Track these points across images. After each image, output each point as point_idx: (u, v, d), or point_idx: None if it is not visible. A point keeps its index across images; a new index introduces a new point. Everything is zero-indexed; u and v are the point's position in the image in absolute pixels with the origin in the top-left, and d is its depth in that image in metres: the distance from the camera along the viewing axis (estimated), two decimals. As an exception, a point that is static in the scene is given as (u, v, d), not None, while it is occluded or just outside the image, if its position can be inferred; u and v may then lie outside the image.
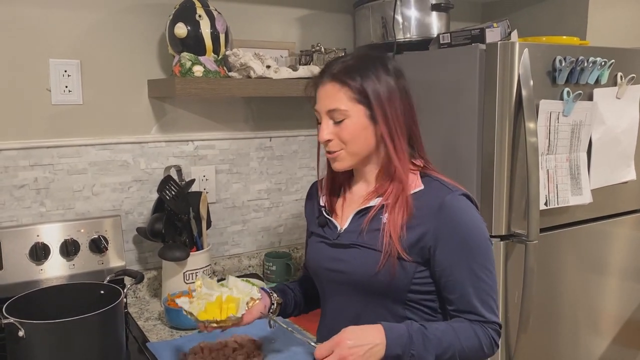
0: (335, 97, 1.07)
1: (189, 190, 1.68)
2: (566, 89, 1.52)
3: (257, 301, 1.16)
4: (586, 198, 1.61)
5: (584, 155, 1.61)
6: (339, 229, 1.15)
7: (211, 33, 1.60)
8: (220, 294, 1.15)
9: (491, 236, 1.48)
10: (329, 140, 1.09)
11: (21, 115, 1.56)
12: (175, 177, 1.65)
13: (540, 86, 1.49)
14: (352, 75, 1.06)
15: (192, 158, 1.82)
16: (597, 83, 1.60)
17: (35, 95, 1.57)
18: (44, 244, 1.50)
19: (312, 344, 1.07)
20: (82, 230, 1.56)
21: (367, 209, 1.11)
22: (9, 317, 1.11)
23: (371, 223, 1.09)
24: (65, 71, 1.59)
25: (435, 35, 1.75)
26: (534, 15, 2.14)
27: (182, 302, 1.15)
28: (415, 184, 1.10)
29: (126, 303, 1.43)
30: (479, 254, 1.05)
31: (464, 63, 1.51)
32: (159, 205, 1.67)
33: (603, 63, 1.56)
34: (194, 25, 1.58)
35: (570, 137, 1.56)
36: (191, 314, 1.12)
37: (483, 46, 1.48)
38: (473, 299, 1.05)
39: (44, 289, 1.31)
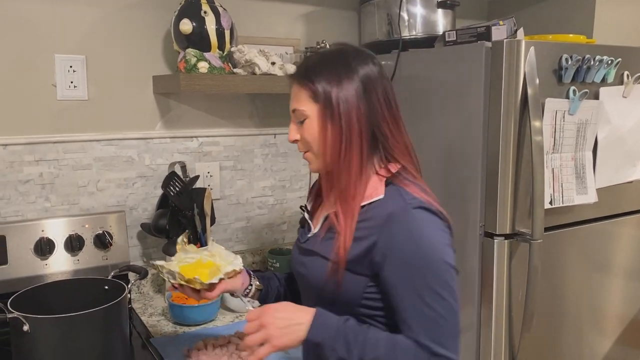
0: (296, 97, 1.05)
1: (193, 187, 1.68)
2: (572, 88, 1.51)
3: (238, 274, 1.15)
4: (591, 197, 1.60)
5: (589, 155, 1.60)
6: (310, 232, 1.13)
7: (216, 29, 1.60)
8: (200, 257, 1.15)
9: (495, 235, 1.49)
10: (296, 141, 1.07)
11: (26, 111, 1.56)
12: (179, 173, 1.65)
13: (546, 85, 1.48)
14: (310, 74, 1.03)
15: (197, 154, 1.83)
16: (604, 82, 1.59)
17: (40, 90, 1.57)
18: (49, 239, 1.50)
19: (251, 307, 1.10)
20: (87, 226, 1.57)
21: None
22: (13, 311, 1.12)
23: (328, 230, 1.06)
24: (71, 67, 1.60)
25: (440, 33, 1.74)
26: (540, 13, 2.13)
27: (159, 262, 1.15)
28: (376, 193, 1.02)
29: (130, 298, 1.43)
30: (426, 275, 0.95)
31: (469, 61, 1.51)
32: (164, 201, 1.68)
33: (610, 62, 1.56)
34: (199, 22, 1.58)
35: (576, 136, 1.56)
36: (162, 266, 1.12)
37: (489, 44, 1.47)
38: (414, 325, 0.95)
39: (48, 284, 1.32)
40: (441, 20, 1.84)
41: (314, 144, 1.04)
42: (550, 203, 1.52)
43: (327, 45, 1.83)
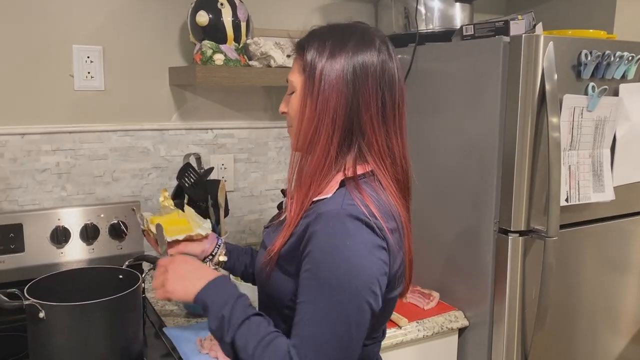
0: (292, 67, 0.98)
1: (208, 178, 1.69)
2: (591, 84, 1.49)
3: (204, 239, 1.18)
4: (608, 195, 1.58)
5: (607, 152, 1.58)
6: (276, 220, 1.07)
7: (232, 21, 1.60)
8: (176, 213, 1.18)
9: (510, 231, 1.48)
10: (284, 113, 1.01)
11: (44, 101, 1.58)
12: (194, 164, 1.66)
13: (565, 80, 1.46)
14: (306, 44, 0.95)
15: (212, 146, 1.83)
16: (624, 78, 1.56)
17: (58, 80, 1.59)
18: (65, 227, 1.52)
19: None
20: (102, 215, 1.58)
21: None
22: (30, 298, 1.13)
23: (281, 221, 1.01)
24: (88, 57, 1.61)
25: (458, 27, 1.73)
26: (559, 8, 2.10)
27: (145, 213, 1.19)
28: (329, 191, 0.93)
29: (144, 288, 1.45)
30: (326, 291, 0.84)
31: (486, 56, 1.49)
32: (178, 192, 1.69)
33: (630, 58, 1.53)
34: (216, 14, 1.58)
35: (594, 133, 1.54)
36: (142, 215, 1.17)
37: (507, 39, 1.45)
38: (299, 337, 0.86)
39: (64, 272, 1.33)
40: (459, 14, 1.82)
41: (294, 120, 0.97)
42: (567, 200, 1.51)
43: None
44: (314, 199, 0.93)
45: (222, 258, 1.21)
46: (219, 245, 1.22)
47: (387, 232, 0.88)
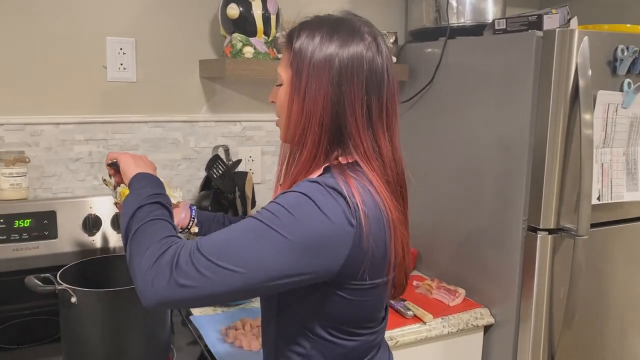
0: (281, 58, 0.97)
1: (236, 170, 1.70)
2: (627, 80, 1.45)
3: (176, 207, 1.19)
4: (642, 194, 1.54)
5: (642, 150, 1.54)
6: None
7: (262, 14, 1.61)
8: None
9: (539, 229, 1.45)
10: (273, 102, 1.00)
11: (78, 91, 1.61)
12: (222, 156, 1.68)
13: (599, 76, 1.43)
14: (294, 37, 0.92)
15: (240, 138, 1.85)
16: (661, 74, 1.52)
17: (92, 72, 1.62)
18: (96, 215, 1.55)
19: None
20: (133, 205, 1.61)
21: None
22: (62, 283, 1.16)
23: None
24: (121, 49, 1.64)
25: (490, 21, 1.70)
26: (596, 2, 2.05)
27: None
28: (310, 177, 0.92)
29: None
30: (263, 211, 0.84)
31: (519, 50, 1.47)
32: (207, 184, 1.71)
33: (669, 54, 1.49)
34: (246, 6, 1.59)
35: (629, 131, 1.50)
36: (109, 182, 1.18)
37: (540, 33, 1.43)
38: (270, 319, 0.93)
39: (95, 259, 1.36)
40: (491, 8, 1.80)
41: (281, 113, 0.96)
42: (598, 199, 1.48)
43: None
44: None
45: (194, 230, 1.23)
46: (194, 218, 1.23)
47: (361, 213, 0.84)
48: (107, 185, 1.21)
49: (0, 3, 1.48)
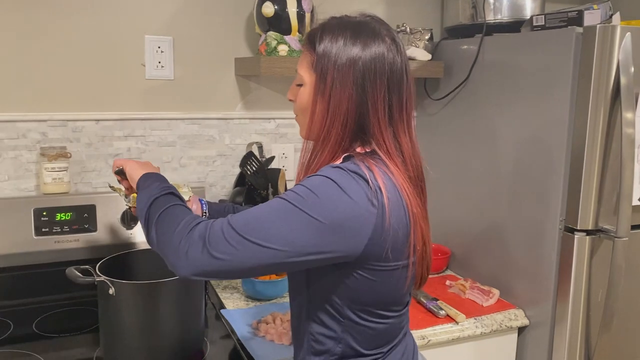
0: (301, 59, 1.00)
1: (269, 167, 1.72)
2: (672, 78, 1.40)
3: (187, 202, 1.20)
4: (687, 196, 1.49)
5: (687, 150, 1.49)
6: None
7: (297, 12, 1.62)
8: None
9: (576, 230, 1.42)
10: (292, 101, 1.04)
11: (118, 89, 1.66)
12: (256, 153, 1.70)
13: (642, 73, 1.38)
14: (317, 41, 0.95)
15: (273, 135, 1.87)
16: None
17: (131, 69, 1.66)
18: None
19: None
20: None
21: None
22: (101, 275, 1.20)
23: None
24: (159, 47, 1.67)
25: (528, 17, 1.67)
26: (640, -4, 1.98)
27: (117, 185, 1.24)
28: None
29: (206, 271, 1.50)
30: (289, 192, 0.89)
31: (558, 47, 1.43)
32: (240, 180, 1.73)
33: None
34: (281, 5, 1.60)
35: (673, 130, 1.45)
36: (119, 188, 1.22)
37: (580, 29, 1.39)
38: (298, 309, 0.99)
39: (133, 252, 1.40)
40: (529, 4, 1.76)
41: (303, 112, 1.00)
42: (639, 200, 1.43)
43: (408, 29, 1.81)
44: None
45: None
46: (205, 212, 1.27)
47: (383, 195, 0.88)
48: (115, 191, 1.26)
49: (44, 4, 1.54)
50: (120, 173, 1.17)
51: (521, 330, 1.60)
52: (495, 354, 1.59)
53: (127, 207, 1.23)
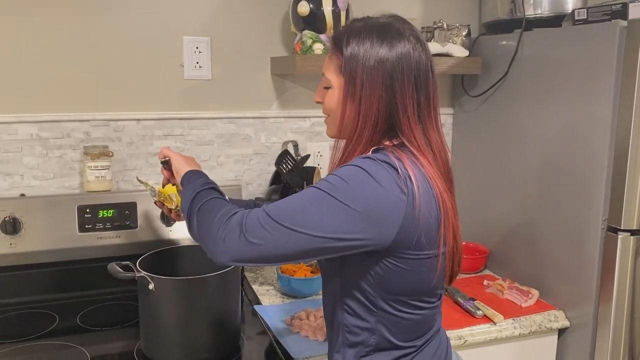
0: (327, 62, 1.02)
1: (304, 165, 1.73)
2: None
3: None
4: None
5: None
6: None
7: (332, 10, 1.62)
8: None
9: (620, 230, 1.38)
10: (319, 102, 1.06)
11: (157, 89, 1.69)
12: (291, 151, 1.71)
13: (691, 67, 1.33)
14: (344, 45, 0.96)
15: (308, 134, 1.88)
16: None
17: (170, 70, 1.70)
18: (173, 207, 1.63)
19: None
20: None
21: None
22: (141, 271, 1.23)
23: None
24: (197, 48, 1.70)
25: (569, 11, 1.62)
26: (690, -13, 1.90)
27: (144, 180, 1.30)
28: None
29: (243, 267, 1.52)
30: (321, 181, 0.93)
31: (600, 41, 1.39)
32: (276, 178, 1.75)
33: None
34: (316, 3, 1.61)
35: None
36: (146, 182, 1.28)
37: (624, 23, 1.35)
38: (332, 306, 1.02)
39: (172, 248, 1.43)
40: (571, -2, 1.71)
41: (333, 114, 1.03)
42: (688, 199, 1.38)
43: (445, 25, 1.79)
44: None
45: None
46: None
47: (413, 183, 0.90)
48: (142, 184, 1.31)
49: (84, 5, 1.58)
50: (166, 163, 1.22)
51: (561, 332, 1.56)
52: (535, 355, 1.55)
53: (154, 200, 1.28)
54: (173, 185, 1.24)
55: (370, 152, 0.96)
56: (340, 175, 0.91)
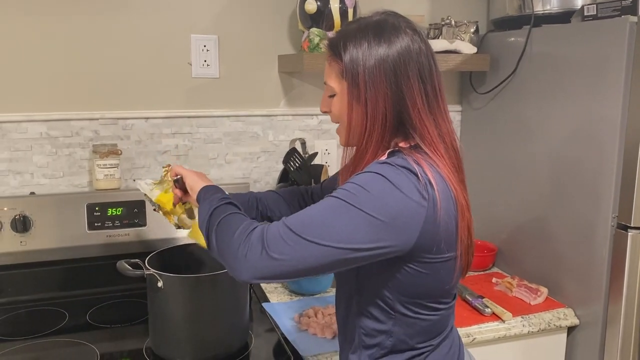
0: (327, 70, 1.00)
1: (312, 163, 1.73)
2: None
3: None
4: None
5: None
6: None
7: (340, 8, 1.62)
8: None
9: (630, 227, 1.37)
10: (326, 112, 1.05)
11: (166, 87, 1.70)
12: (299, 149, 1.71)
13: (702, 63, 1.32)
14: (341, 49, 0.95)
15: (316, 132, 1.88)
16: None
17: (178, 68, 1.70)
18: (182, 205, 1.63)
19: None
20: (215, 195, 1.68)
21: None
22: (150, 268, 1.24)
23: None
24: (205, 46, 1.71)
25: (578, 7, 1.61)
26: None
27: (144, 183, 1.27)
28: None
29: (251, 265, 1.52)
30: (340, 190, 0.90)
31: (610, 38, 1.38)
32: (284, 176, 1.75)
33: None
34: (324, 1, 1.60)
35: None
36: (145, 195, 1.27)
37: (634, 19, 1.34)
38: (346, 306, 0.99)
39: (181, 246, 1.43)
40: (580, -7, 1.70)
41: (341, 120, 1.01)
42: (699, 196, 1.37)
43: (453, 22, 1.78)
44: None
45: None
46: None
47: (434, 188, 0.89)
48: (145, 197, 1.29)
49: (92, 5, 1.59)
50: (178, 182, 1.21)
51: (571, 330, 1.56)
52: (544, 353, 1.55)
53: (153, 209, 1.28)
54: (184, 203, 1.24)
55: (385, 156, 0.95)
56: (360, 184, 0.88)
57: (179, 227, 1.27)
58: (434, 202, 0.89)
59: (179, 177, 1.19)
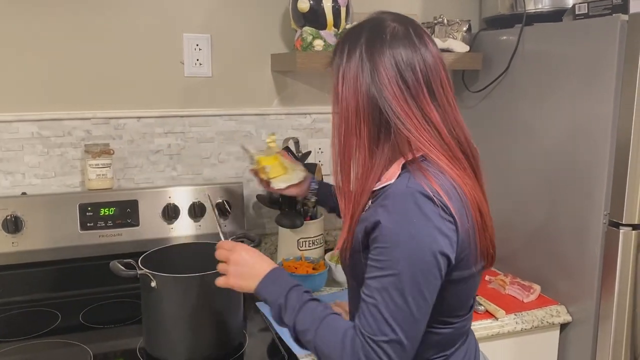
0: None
1: (305, 162, 1.73)
2: None
3: (302, 183, 1.45)
4: None
5: None
6: None
7: (333, 6, 1.62)
8: (277, 156, 1.45)
9: (621, 224, 1.38)
10: None
11: (158, 87, 1.69)
12: (293, 148, 1.71)
13: (692, 62, 1.33)
14: (335, 50, 0.99)
15: (310, 130, 1.87)
16: None
17: (170, 67, 1.69)
18: (175, 205, 1.63)
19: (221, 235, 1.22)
20: (209, 194, 1.68)
21: None
22: (143, 268, 1.23)
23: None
24: (197, 45, 1.70)
25: (570, 6, 1.62)
26: (691, -20, 1.90)
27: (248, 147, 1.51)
28: (391, 176, 0.94)
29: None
30: (392, 266, 0.86)
31: (601, 36, 1.39)
32: (277, 175, 1.74)
33: None
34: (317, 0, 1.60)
35: None
36: (249, 150, 1.49)
37: (625, 17, 1.34)
38: (359, 306, 0.90)
39: (173, 246, 1.43)
40: (571, -8, 1.71)
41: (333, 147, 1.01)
42: (689, 193, 1.38)
43: (445, 20, 1.78)
44: (375, 188, 0.95)
45: (313, 200, 1.51)
46: (313, 190, 1.48)
47: (453, 210, 0.88)
48: (244, 150, 1.53)
49: (84, 3, 1.58)
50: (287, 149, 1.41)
51: (563, 327, 1.57)
52: (537, 350, 1.56)
53: (250, 169, 1.48)
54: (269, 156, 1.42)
55: (397, 174, 0.93)
56: (396, 246, 0.86)
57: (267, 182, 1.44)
58: (455, 222, 0.89)
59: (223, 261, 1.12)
